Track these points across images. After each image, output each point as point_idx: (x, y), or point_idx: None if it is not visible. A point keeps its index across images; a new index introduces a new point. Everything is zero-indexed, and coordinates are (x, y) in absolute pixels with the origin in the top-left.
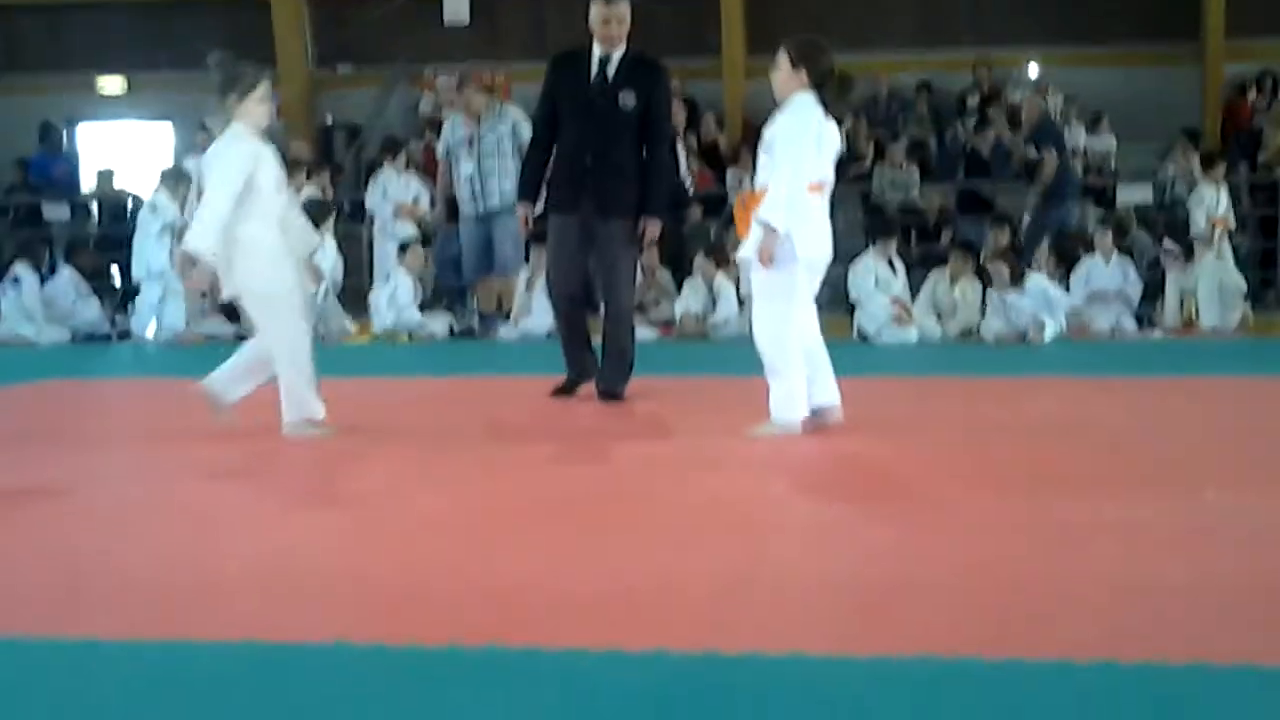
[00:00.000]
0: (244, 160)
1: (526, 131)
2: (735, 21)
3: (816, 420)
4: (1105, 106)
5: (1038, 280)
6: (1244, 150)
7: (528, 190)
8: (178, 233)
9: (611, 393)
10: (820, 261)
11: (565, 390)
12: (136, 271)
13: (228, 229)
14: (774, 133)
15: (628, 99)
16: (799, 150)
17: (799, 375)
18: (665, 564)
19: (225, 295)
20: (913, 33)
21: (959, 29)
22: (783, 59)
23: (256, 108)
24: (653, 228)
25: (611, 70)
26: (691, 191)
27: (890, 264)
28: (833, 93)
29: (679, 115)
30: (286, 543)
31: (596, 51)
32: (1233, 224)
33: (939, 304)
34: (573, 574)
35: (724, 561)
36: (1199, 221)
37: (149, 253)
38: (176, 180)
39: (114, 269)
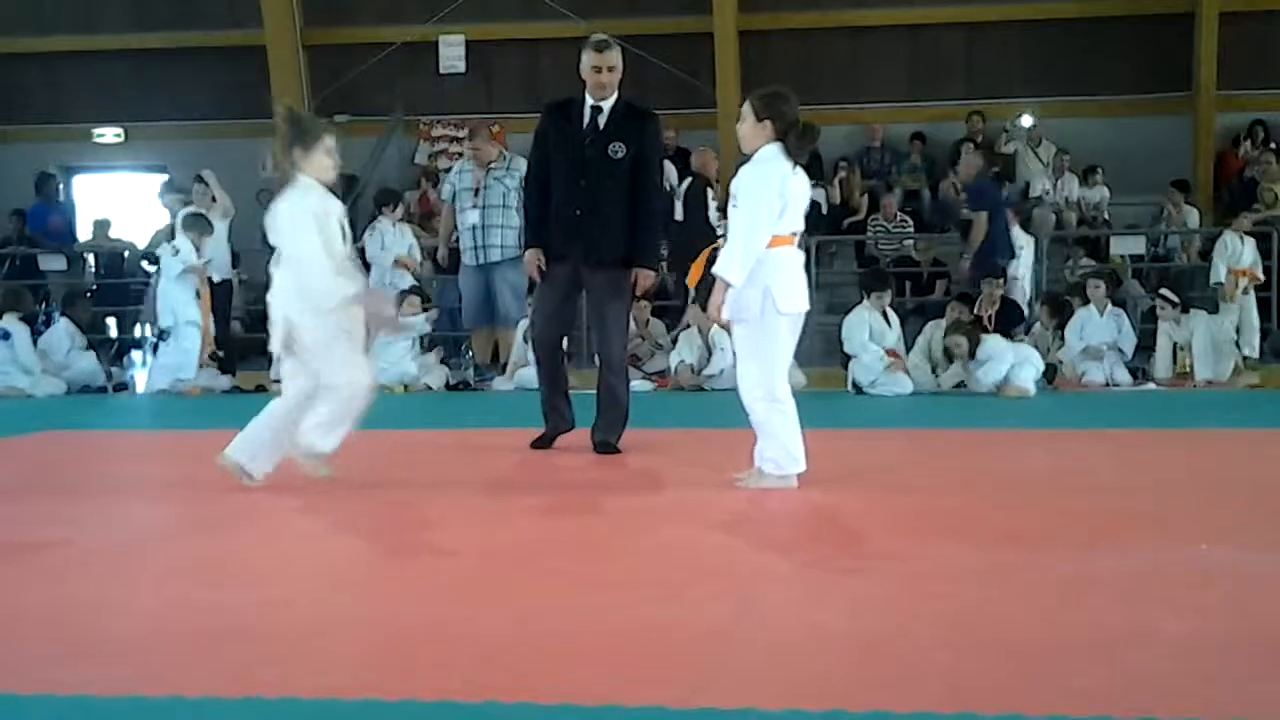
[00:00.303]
0: (315, 212)
1: None
2: (730, 73)
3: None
4: (1098, 157)
5: (992, 344)
6: (1237, 201)
7: (536, 236)
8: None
9: (607, 444)
10: (800, 315)
11: (544, 443)
12: (164, 319)
13: (296, 277)
14: (737, 185)
15: (618, 149)
16: (758, 204)
17: (793, 429)
18: (652, 616)
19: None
20: (906, 83)
21: (952, 79)
22: (748, 111)
23: (323, 160)
24: (645, 279)
25: (603, 120)
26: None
27: (885, 315)
28: (796, 143)
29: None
30: (281, 594)
31: (588, 100)
32: (1260, 275)
33: (934, 355)
34: (563, 626)
35: (710, 613)
36: (1220, 271)
37: (175, 299)
38: (199, 225)
39: (110, 320)
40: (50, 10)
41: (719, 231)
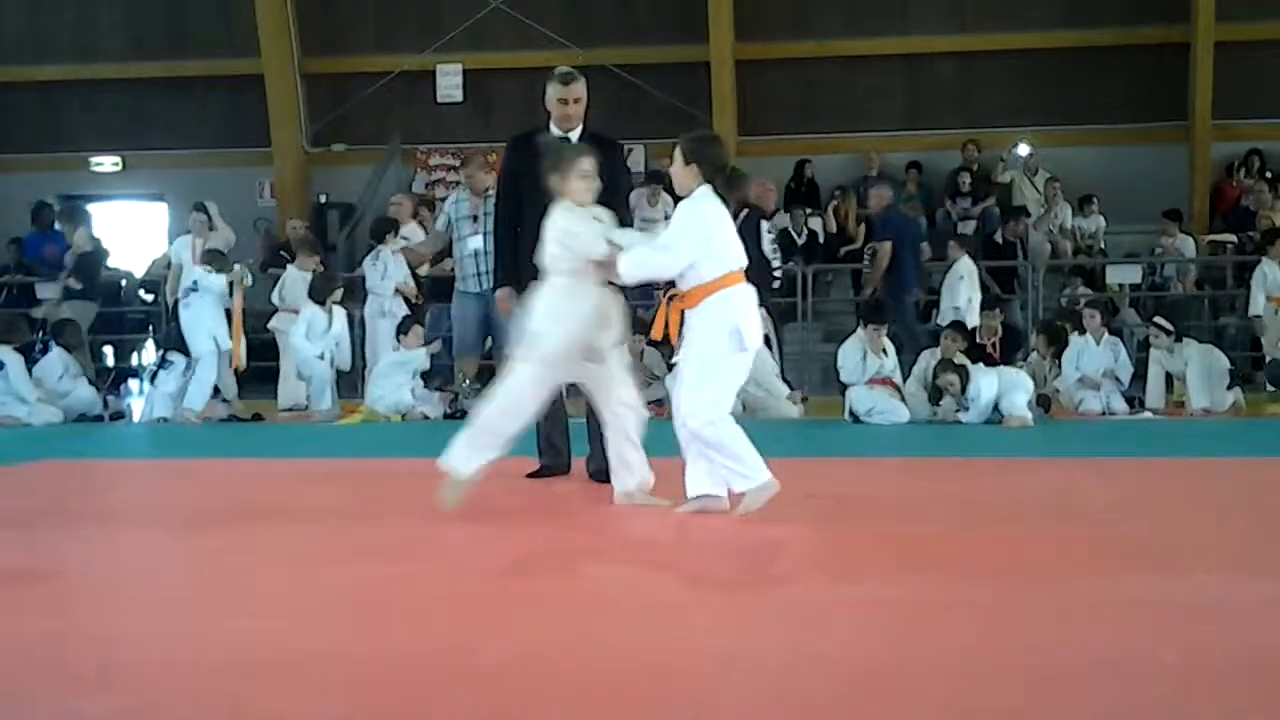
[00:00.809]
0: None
1: None
2: (726, 102)
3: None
4: (1094, 186)
5: (981, 378)
6: (1233, 230)
7: (508, 274)
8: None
9: (603, 472)
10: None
11: (540, 475)
12: (197, 348)
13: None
14: (675, 215)
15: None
16: (684, 238)
17: (746, 441)
18: (652, 644)
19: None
20: (902, 112)
21: (948, 109)
22: (677, 154)
23: (578, 183)
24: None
25: None
26: (778, 271)
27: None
28: (724, 186)
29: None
30: (277, 624)
31: (555, 131)
32: None
33: (929, 384)
34: (563, 655)
35: (711, 642)
36: (1259, 300)
37: (210, 327)
38: (222, 260)
39: (107, 349)
40: (48, 39)
41: (774, 263)
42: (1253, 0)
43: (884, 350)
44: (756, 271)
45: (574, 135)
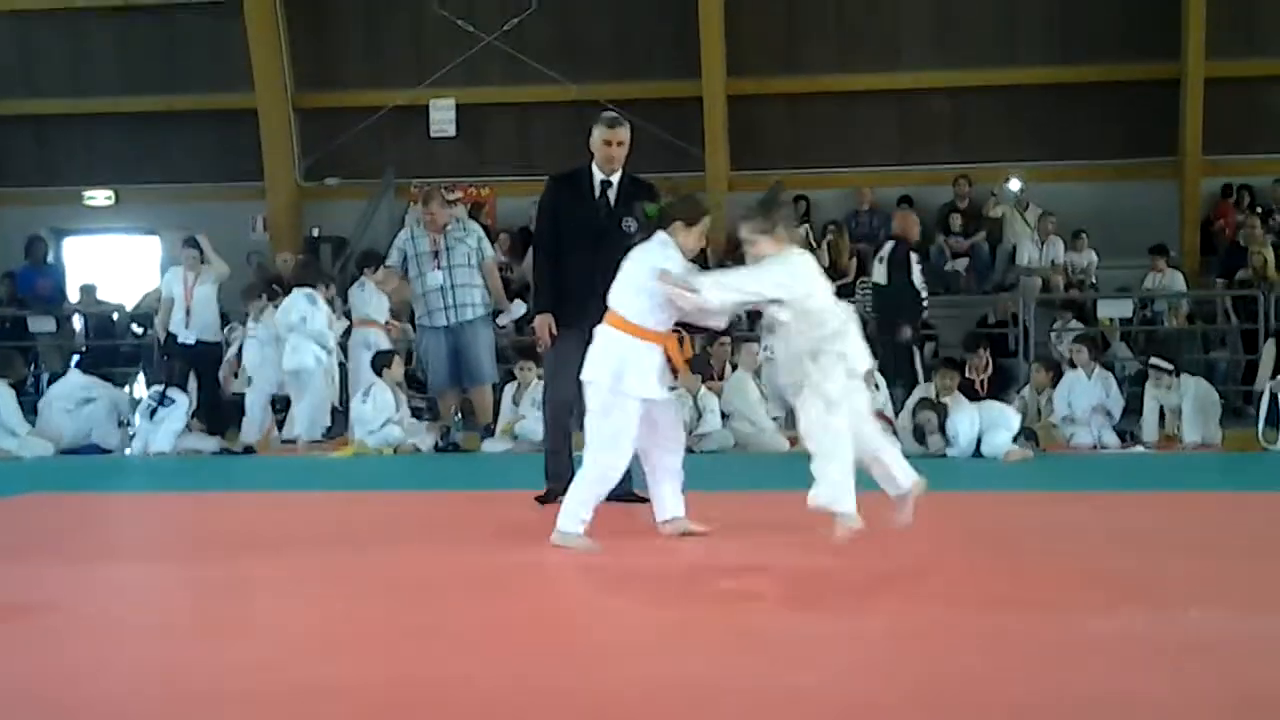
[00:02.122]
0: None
1: (488, 248)
2: (719, 137)
3: None
4: (1085, 221)
5: (957, 415)
6: (1226, 265)
7: (549, 303)
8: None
9: (631, 494)
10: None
11: (550, 499)
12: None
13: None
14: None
15: (630, 224)
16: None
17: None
18: (637, 675)
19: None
20: (894, 147)
21: (940, 144)
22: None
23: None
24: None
25: (613, 194)
26: (925, 300)
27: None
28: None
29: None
30: (273, 656)
31: (597, 174)
32: None
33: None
34: (550, 687)
35: (694, 672)
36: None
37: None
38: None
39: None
40: (41, 73)
41: (924, 294)
42: (1243, 37)
43: (875, 385)
44: (906, 301)
45: (614, 177)
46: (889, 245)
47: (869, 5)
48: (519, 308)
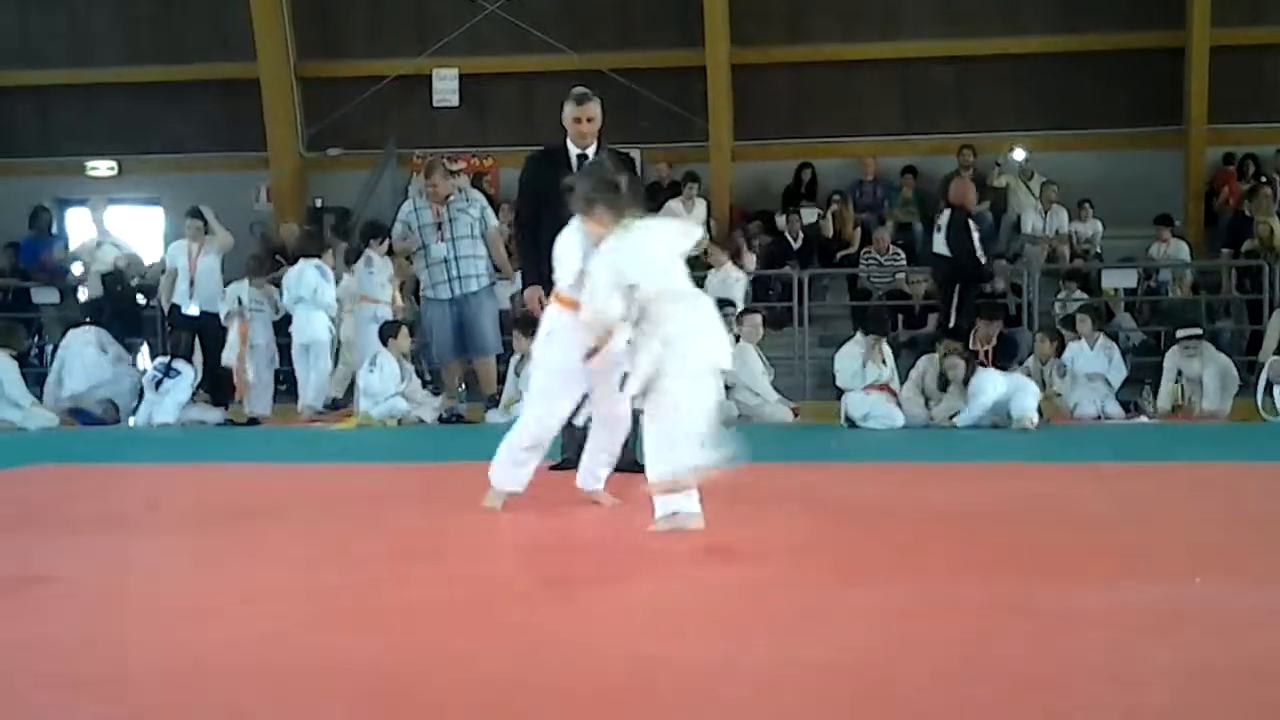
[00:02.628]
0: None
1: (492, 218)
2: (722, 106)
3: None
4: (1089, 191)
5: (985, 375)
6: (1231, 235)
7: (535, 276)
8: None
9: (636, 464)
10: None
11: (565, 466)
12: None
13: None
14: None
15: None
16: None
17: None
18: (645, 653)
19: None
20: (898, 117)
21: (944, 113)
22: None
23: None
24: None
25: None
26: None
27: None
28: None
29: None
30: (275, 629)
31: (572, 149)
32: None
33: (927, 388)
34: (560, 664)
35: (702, 649)
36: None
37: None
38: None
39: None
40: (44, 44)
41: (984, 262)
42: (1248, 5)
43: (883, 360)
44: (968, 267)
45: (590, 151)
46: (946, 213)
47: None
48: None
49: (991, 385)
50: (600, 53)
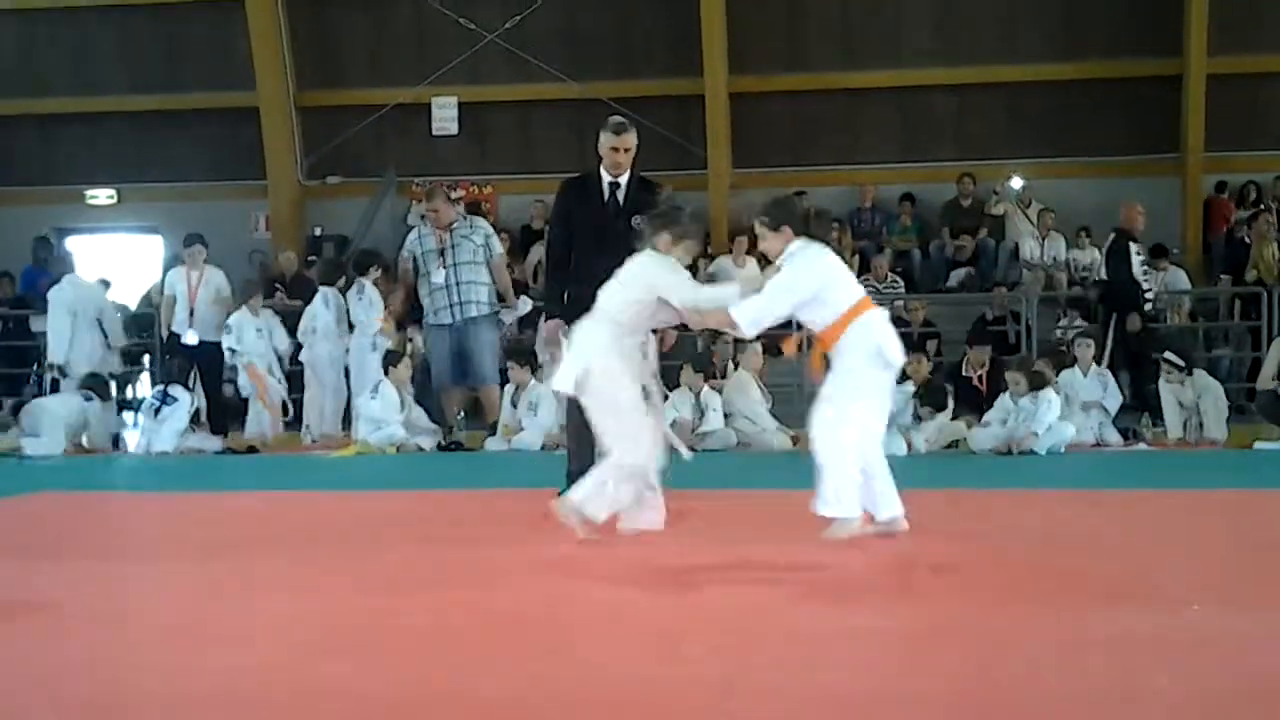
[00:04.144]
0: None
1: (497, 245)
2: (721, 134)
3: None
4: (1088, 219)
5: (1052, 396)
6: (1226, 262)
7: (559, 308)
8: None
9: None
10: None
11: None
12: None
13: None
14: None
15: (640, 221)
16: (785, 292)
17: (850, 477)
18: (652, 675)
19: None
20: (896, 144)
21: (942, 141)
22: (761, 229)
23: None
24: (669, 336)
25: (622, 195)
26: (1150, 293)
27: None
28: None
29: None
30: (274, 658)
31: (605, 177)
32: None
33: (902, 424)
34: (561, 689)
35: (711, 671)
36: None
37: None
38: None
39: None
40: (45, 72)
41: (1145, 286)
42: (1245, 33)
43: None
44: (1126, 293)
45: (623, 179)
46: (1111, 237)
47: (871, 2)
48: (525, 304)
49: (1055, 407)
50: (599, 81)
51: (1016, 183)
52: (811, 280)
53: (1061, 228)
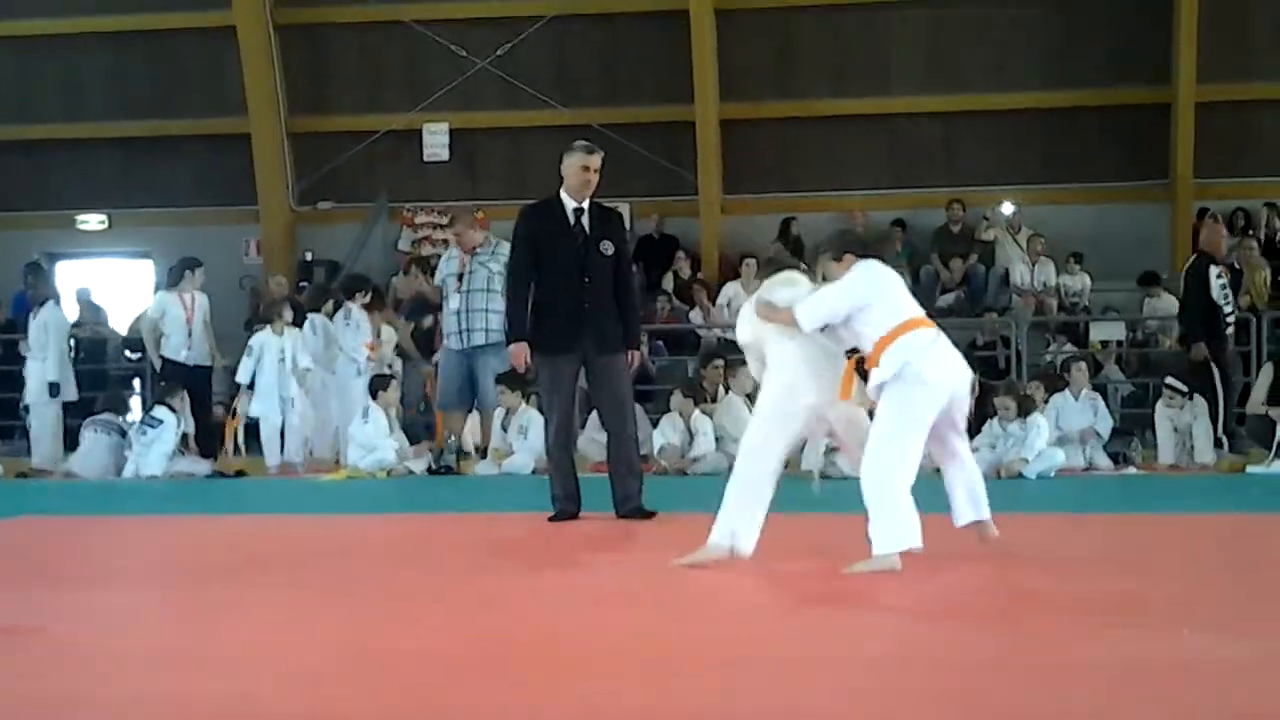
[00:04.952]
0: None
1: None
2: (711, 161)
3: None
4: (1078, 245)
5: (1040, 420)
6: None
7: (523, 330)
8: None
9: (641, 510)
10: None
11: (561, 518)
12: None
13: None
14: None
15: (607, 246)
16: (843, 293)
17: (897, 510)
18: (638, 702)
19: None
20: (886, 171)
21: (932, 168)
22: (826, 263)
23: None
24: (637, 357)
25: (586, 219)
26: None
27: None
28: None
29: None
30: (255, 687)
31: (569, 202)
32: None
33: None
34: (563, 709)
35: (696, 698)
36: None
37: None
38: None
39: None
40: (36, 97)
41: (1226, 310)
42: (1234, 61)
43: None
44: (1205, 317)
45: (585, 204)
46: (1190, 259)
47: (861, 30)
48: None
49: (1043, 430)
50: (590, 108)
51: (1007, 208)
52: (868, 286)
53: (1052, 253)
